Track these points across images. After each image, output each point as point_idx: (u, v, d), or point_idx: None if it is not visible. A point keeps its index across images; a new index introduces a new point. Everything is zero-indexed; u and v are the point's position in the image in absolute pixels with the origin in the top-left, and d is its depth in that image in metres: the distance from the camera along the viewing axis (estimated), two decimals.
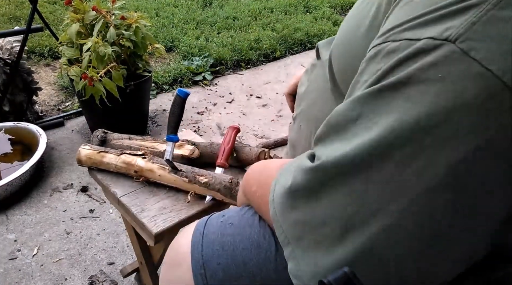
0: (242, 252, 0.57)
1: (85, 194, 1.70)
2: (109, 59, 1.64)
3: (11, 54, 1.93)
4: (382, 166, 0.35)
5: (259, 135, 2.15)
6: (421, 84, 0.34)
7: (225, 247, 0.59)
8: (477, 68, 0.32)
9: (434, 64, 0.34)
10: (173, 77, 2.58)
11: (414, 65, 0.35)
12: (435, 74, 0.34)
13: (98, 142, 0.99)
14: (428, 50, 0.34)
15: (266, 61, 2.95)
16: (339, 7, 3.96)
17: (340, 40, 0.58)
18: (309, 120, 0.64)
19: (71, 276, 1.34)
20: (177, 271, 0.62)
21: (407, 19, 0.37)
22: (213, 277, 0.58)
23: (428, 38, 0.34)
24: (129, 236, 1.11)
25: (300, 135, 0.67)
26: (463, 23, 0.34)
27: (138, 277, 1.29)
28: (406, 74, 0.35)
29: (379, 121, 0.36)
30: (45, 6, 3.43)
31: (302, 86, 0.71)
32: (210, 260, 0.58)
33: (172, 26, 3.22)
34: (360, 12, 0.53)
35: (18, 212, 1.60)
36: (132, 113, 1.97)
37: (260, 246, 0.57)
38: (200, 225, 0.64)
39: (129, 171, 0.91)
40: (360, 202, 0.36)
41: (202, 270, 0.58)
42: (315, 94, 0.64)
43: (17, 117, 1.99)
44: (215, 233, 0.61)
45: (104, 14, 1.69)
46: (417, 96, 0.34)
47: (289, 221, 0.42)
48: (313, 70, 0.68)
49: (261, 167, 0.61)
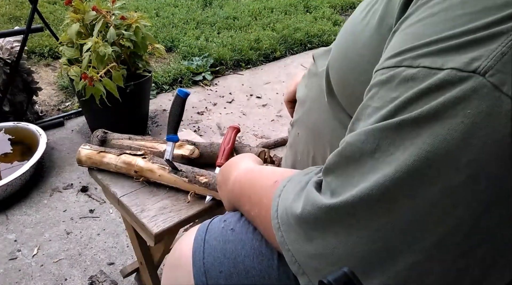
0: (244, 260, 0.56)
1: (85, 194, 1.70)
2: (109, 59, 1.64)
3: (11, 54, 1.93)
4: (407, 203, 0.33)
5: (259, 135, 2.15)
6: (447, 120, 0.32)
7: (227, 255, 0.57)
8: (510, 105, 0.30)
9: (462, 99, 0.31)
10: (173, 77, 2.58)
11: (438, 99, 0.32)
12: (463, 110, 0.31)
13: (98, 142, 0.99)
14: (453, 82, 0.31)
15: (266, 61, 2.95)
16: (339, 7, 3.96)
17: (337, 53, 0.56)
18: (307, 128, 0.63)
19: (71, 276, 1.34)
20: (179, 276, 0.61)
21: (424, 43, 0.34)
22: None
23: (452, 69, 0.32)
24: (129, 236, 1.11)
25: (298, 142, 0.67)
26: (491, 54, 0.31)
27: (138, 277, 1.29)
28: (430, 109, 0.32)
29: (401, 157, 0.33)
30: (45, 6, 3.43)
31: (299, 91, 0.70)
32: (211, 268, 0.57)
33: (172, 26, 3.22)
34: (359, 23, 0.51)
35: (18, 212, 1.60)
36: (132, 113, 1.97)
37: (263, 253, 0.56)
38: (201, 230, 0.63)
39: (129, 171, 0.91)
40: (384, 240, 0.35)
41: (203, 278, 0.57)
42: (312, 103, 0.63)
43: (17, 117, 1.99)
44: (216, 239, 0.60)
45: (104, 14, 1.69)
46: (443, 133, 0.32)
47: (304, 253, 0.40)
48: (311, 77, 0.67)
49: (249, 184, 0.59)
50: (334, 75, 0.57)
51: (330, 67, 0.58)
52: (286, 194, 0.45)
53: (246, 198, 0.58)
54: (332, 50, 0.58)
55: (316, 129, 0.60)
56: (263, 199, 0.52)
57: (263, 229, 0.54)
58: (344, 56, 0.54)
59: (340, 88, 0.56)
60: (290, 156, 0.70)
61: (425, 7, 0.37)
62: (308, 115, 0.63)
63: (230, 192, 0.65)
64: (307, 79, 0.68)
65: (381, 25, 0.46)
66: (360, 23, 0.51)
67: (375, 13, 0.48)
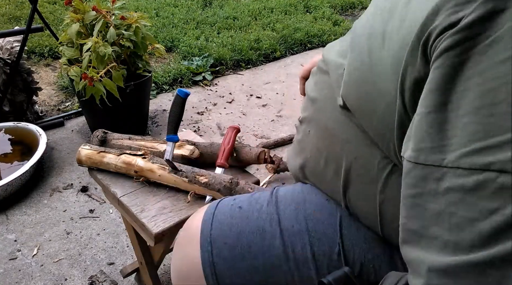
0: (248, 235, 0.61)
1: (85, 194, 1.70)
2: (109, 59, 1.64)
3: (11, 54, 1.93)
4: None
5: (259, 135, 2.15)
6: None
7: (232, 229, 0.62)
8: None
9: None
10: (173, 77, 2.58)
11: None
12: None
13: (98, 142, 0.99)
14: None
15: (266, 61, 2.95)
16: (339, 7, 3.96)
17: (355, 81, 0.51)
18: (319, 128, 0.63)
19: (71, 276, 1.34)
20: (187, 248, 0.66)
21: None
22: (218, 255, 0.61)
23: None
24: (129, 236, 1.11)
25: (309, 140, 0.66)
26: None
27: (138, 277, 1.29)
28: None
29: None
30: (45, 6, 3.43)
31: (309, 88, 0.69)
32: (217, 238, 0.62)
33: (172, 26, 3.22)
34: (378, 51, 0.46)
35: (18, 212, 1.60)
36: (132, 113, 1.97)
37: (266, 231, 0.61)
38: (212, 206, 0.68)
39: (129, 171, 0.91)
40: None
41: (209, 247, 0.62)
42: (324, 103, 0.62)
43: (17, 117, 1.99)
44: (224, 214, 0.65)
45: (104, 14, 1.69)
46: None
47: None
48: (321, 74, 0.65)
49: None
50: (350, 100, 0.53)
51: (344, 92, 0.54)
52: None
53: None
54: (346, 74, 0.53)
55: (329, 130, 0.60)
56: None
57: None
58: (361, 84, 0.50)
59: (360, 112, 0.52)
60: (298, 152, 0.70)
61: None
62: (320, 114, 0.62)
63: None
64: (317, 76, 0.67)
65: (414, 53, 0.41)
66: (378, 50, 0.46)
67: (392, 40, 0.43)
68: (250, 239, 0.61)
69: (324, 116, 0.61)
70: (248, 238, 0.61)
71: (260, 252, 0.60)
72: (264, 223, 0.61)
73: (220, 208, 0.66)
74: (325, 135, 0.61)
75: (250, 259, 0.60)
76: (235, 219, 0.63)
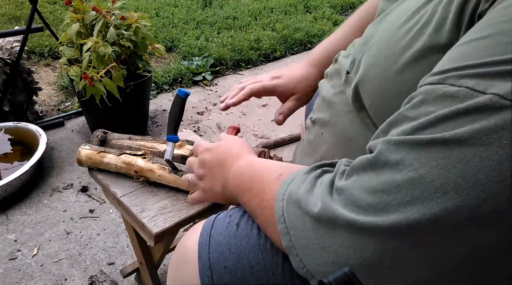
0: (249, 255, 0.57)
1: (85, 194, 1.70)
2: (109, 59, 1.64)
3: (11, 54, 1.93)
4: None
5: (259, 135, 2.15)
6: (480, 148, 0.31)
7: (232, 250, 0.58)
8: None
9: (500, 127, 0.30)
10: (173, 77, 2.58)
11: (474, 123, 0.31)
12: (500, 139, 0.30)
13: (98, 142, 0.99)
14: (493, 109, 0.30)
15: (266, 61, 2.95)
16: (339, 7, 3.96)
17: (372, 74, 0.53)
18: (335, 132, 0.62)
19: (71, 276, 1.34)
20: (184, 270, 0.62)
21: (470, 64, 0.33)
22: (219, 280, 0.57)
23: (495, 94, 0.31)
24: (129, 236, 1.11)
25: (321, 142, 0.65)
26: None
27: (138, 277, 1.29)
28: (464, 133, 0.32)
29: (425, 176, 0.33)
30: (45, 6, 3.43)
31: (325, 90, 0.68)
32: (217, 262, 0.58)
33: (172, 26, 3.22)
34: (395, 43, 0.49)
35: (18, 212, 1.60)
36: (132, 113, 1.97)
37: (267, 249, 0.57)
38: (207, 225, 0.63)
39: (129, 171, 0.91)
40: (399, 259, 0.36)
41: (209, 273, 0.58)
42: (342, 107, 0.62)
43: (17, 117, 1.99)
44: (222, 234, 0.60)
45: (104, 14, 1.69)
46: (475, 160, 0.31)
47: (315, 261, 0.41)
48: (338, 77, 0.65)
49: (251, 173, 0.60)
50: (365, 94, 0.54)
51: (361, 85, 0.55)
52: (293, 196, 0.45)
53: (245, 185, 0.59)
54: (363, 67, 0.55)
55: (346, 136, 0.59)
56: (266, 190, 0.52)
57: (262, 220, 0.54)
58: (380, 74, 0.51)
59: (373, 107, 0.54)
60: (309, 153, 0.69)
61: (477, 29, 0.36)
62: (337, 119, 0.61)
63: (225, 177, 0.66)
64: (332, 79, 0.66)
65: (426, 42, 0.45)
66: (402, 38, 0.48)
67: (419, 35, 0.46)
68: (252, 259, 0.57)
69: (342, 122, 0.60)
70: (250, 258, 0.57)
71: (263, 272, 0.56)
72: (265, 241, 0.57)
73: (216, 228, 0.62)
74: (343, 141, 0.60)
75: (254, 280, 0.57)
76: (233, 239, 0.59)
